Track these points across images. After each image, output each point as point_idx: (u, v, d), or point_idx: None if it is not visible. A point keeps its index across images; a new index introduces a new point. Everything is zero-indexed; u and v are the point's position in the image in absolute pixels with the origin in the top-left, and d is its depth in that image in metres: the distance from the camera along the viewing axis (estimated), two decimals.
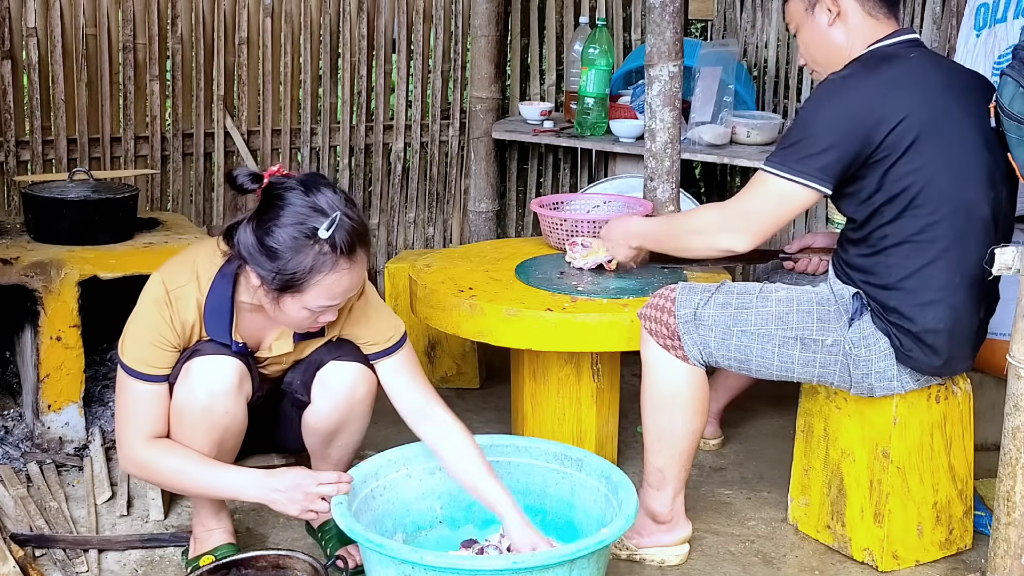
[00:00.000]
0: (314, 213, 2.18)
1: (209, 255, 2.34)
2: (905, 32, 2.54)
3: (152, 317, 2.33)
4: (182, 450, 2.34)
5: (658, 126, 3.08)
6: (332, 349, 2.47)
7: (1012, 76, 2.35)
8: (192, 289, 2.34)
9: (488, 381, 3.73)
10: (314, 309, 2.25)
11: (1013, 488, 2.24)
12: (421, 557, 2.11)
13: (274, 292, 2.22)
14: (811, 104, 2.47)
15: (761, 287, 2.54)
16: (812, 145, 2.39)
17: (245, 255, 2.22)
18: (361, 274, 2.28)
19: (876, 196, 2.42)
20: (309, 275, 2.18)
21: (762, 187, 2.45)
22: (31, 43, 3.63)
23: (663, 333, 2.50)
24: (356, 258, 2.22)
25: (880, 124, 2.36)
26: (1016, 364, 2.19)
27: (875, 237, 2.46)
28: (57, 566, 2.54)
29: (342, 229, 2.18)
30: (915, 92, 2.40)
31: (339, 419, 2.49)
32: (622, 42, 4.46)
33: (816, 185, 2.39)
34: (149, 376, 2.34)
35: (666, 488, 2.59)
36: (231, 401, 2.36)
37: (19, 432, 3.12)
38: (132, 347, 2.34)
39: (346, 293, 2.26)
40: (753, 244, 2.48)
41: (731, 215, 2.50)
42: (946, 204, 2.40)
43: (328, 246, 2.17)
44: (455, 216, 4.54)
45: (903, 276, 2.43)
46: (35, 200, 3.17)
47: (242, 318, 2.39)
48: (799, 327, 2.47)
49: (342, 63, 4.18)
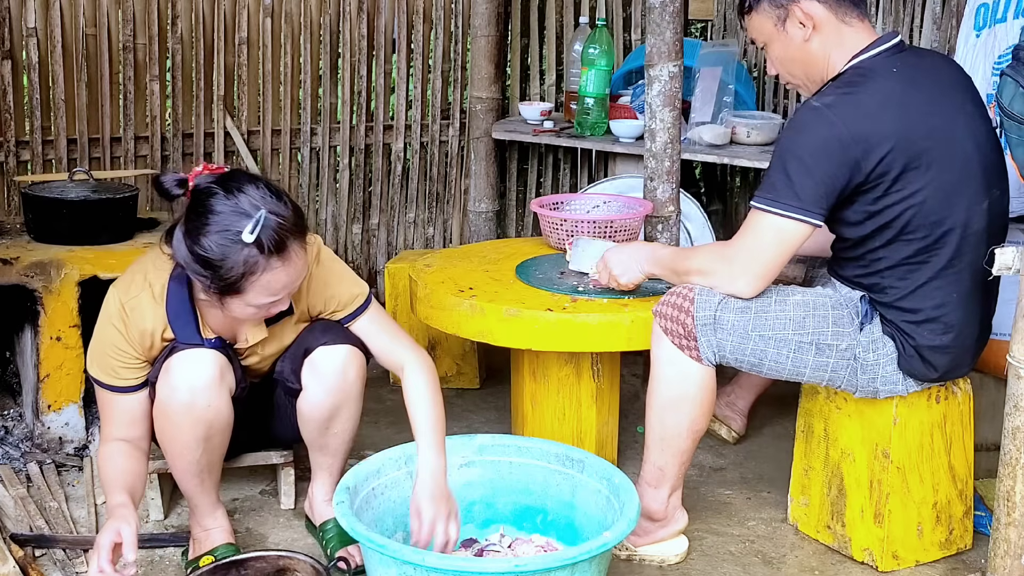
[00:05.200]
0: (238, 216, 2.17)
1: (158, 263, 2.37)
2: (885, 40, 2.47)
3: (109, 332, 2.38)
4: (115, 462, 2.35)
5: (658, 126, 3.08)
6: (319, 334, 2.49)
7: (1012, 76, 2.36)
8: (146, 298, 2.37)
9: (488, 381, 3.73)
10: (259, 305, 2.27)
11: (1013, 488, 2.24)
12: (423, 558, 2.11)
13: (216, 295, 2.25)
14: (794, 134, 2.40)
15: (778, 289, 2.52)
16: (800, 178, 2.34)
17: (182, 264, 2.25)
18: (299, 266, 2.27)
19: (868, 223, 2.41)
20: (243, 279, 2.20)
21: (757, 226, 2.40)
22: (31, 43, 3.63)
23: (679, 333, 2.47)
24: (288, 254, 2.22)
25: (868, 155, 2.33)
26: (1016, 364, 2.20)
27: (869, 259, 2.46)
28: (57, 566, 2.54)
29: (268, 228, 2.17)
30: (900, 118, 2.35)
31: (332, 402, 2.49)
32: (622, 42, 4.46)
33: (810, 219, 2.36)
34: (114, 387, 2.40)
35: (664, 486, 2.59)
36: (213, 394, 2.37)
37: (19, 432, 3.13)
38: (95, 360, 2.40)
39: (287, 287, 2.27)
40: (756, 289, 2.44)
41: (733, 259, 2.44)
42: (939, 227, 2.38)
43: (255, 248, 2.17)
44: (455, 216, 4.54)
45: (899, 296, 2.44)
46: (35, 200, 3.17)
47: (209, 314, 2.41)
48: (815, 332, 2.46)
49: (342, 63, 4.18)
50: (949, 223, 2.39)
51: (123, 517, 2.18)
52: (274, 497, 2.90)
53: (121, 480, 2.31)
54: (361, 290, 2.54)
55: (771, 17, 2.49)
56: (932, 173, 2.36)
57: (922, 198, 2.36)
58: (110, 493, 2.28)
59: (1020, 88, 2.40)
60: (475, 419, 3.42)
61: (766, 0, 2.49)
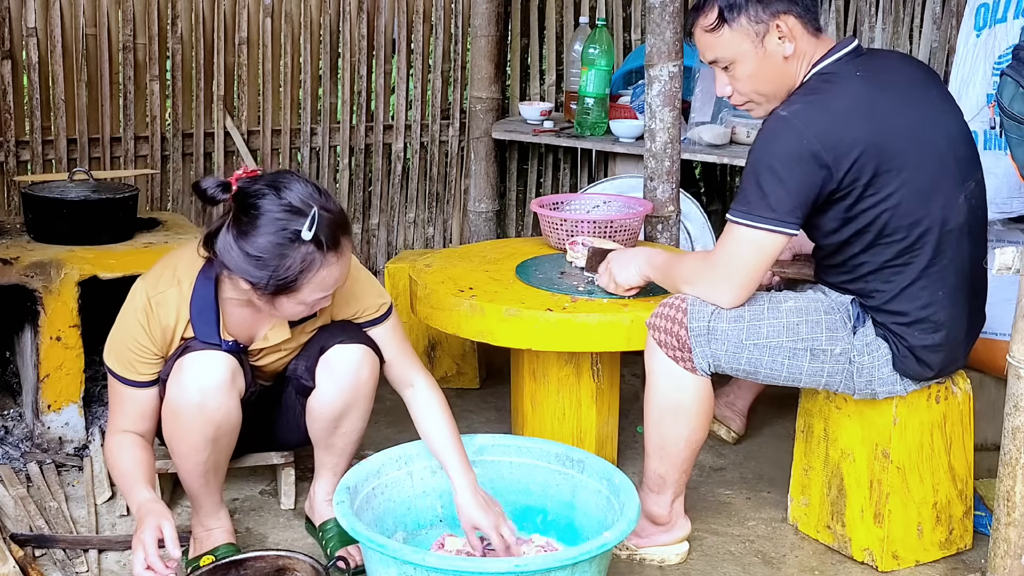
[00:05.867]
0: (292, 216, 2.19)
1: (189, 259, 2.37)
2: (844, 44, 2.44)
3: (131, 326, 2.38)
4: (133, 454, 2.35)
5: (658, 126, 3.08)
6: (335, 333, 2.50)
7: (1012, 76, 2.36)
8: (173, 294, 2.37)
9: (488, 381, 3.73)
10: (310, 303, 2.29)
11: (1013, 488, 2.24)
12: (423, 558, 2.11)
13: (268, 295, 2.25)
14: (764, 144, 2.38)
15: (770, 296, 2.52)
16: (772, 189, 2.33)
17: (231, 267, 2.24)
18: (349, 261, 2.31)
19: (844, 229, 2.40)
20: (300, 276, 2.21)
21: (734, 239, 2.39)
22: (31, 43, 3.63)
23: (672, 344, 2.46)
24: (342, 248, 2.26)
25: (839, 161, 2.32)
26: (1016, 364, 2.20)
27: (851, 264, 2.46)
28: (57, 566, 2.54)
29: (323, 225, 2.20)
30: (868, 122, 2.34)
31: (344, 402, 2.49)
32: (622, 42, 4.46)
33: (786, 229, 2.35)
34: (129, 381, 2.40)
35: (666, 492, 2.59)
36: (223, 396, 2.38)
37: (19, 432, 3.12)
38: (113, 351, 2.40)
39: (339, 282, 2.30)
40: (738, 300, 2.43)
41: (712, 271, 2.44)
42: (917, 227, 2.38)
43: (313, 245, 2.19)
44: (455, 216, 4.54)
45: (886, 300, 2.44)
46: (35, 200, 3.17)
47: (229, 315, 2.41)
48: (809, 338, 2.46)
49: (342, 63, 4.18)
50: (927, 223, 2.38)
51: (161, 513, 2.20)
52: (274, 497, 2.90)
53: (141, 473, 2.32)
54: (384, 300, 2.56)
55: (748, 34, 2.42)
56: (905, 174, 2.35)
57: (897, 200, 2.35)
58: (134, 487, 2.30)
59: (1020, 88, 2.40)
60: (475, 419, 3.42)
61: (743, 16, 2.41)
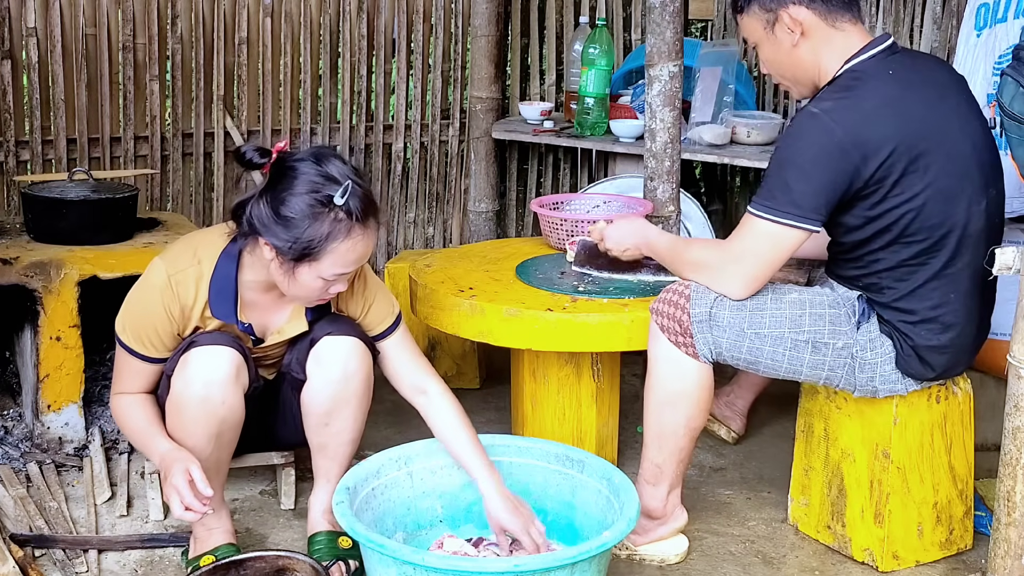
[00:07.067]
0: (327, 182, 2.24)
1: (211, 238, 2.40)
2: (879, 42, 2.45)
3: (150, 303, 2.39)
4: (145, 409, 2.43)
5: (658, 126, 3.08)
6: (325, 326, 2.50)
7: (1012, 76, 2.35)
8: (193, 272, 2.38)
9: (488, 381, 3.73)
10: (328, 278, 2.30)
11: (1013, 488, 2.24)
12: (423, 558, 2.11)
13: (290, 262, 2.27)
14: (793, 140, 2.39)
15: (774, 287, 2.52)
16: (798, 185, 2.34)
17: (259, 228, 2.27)
18: (373, 243, 2.33)
19: (867, 227, 2.41)
20: (325, 242, 2.24)
21: (752, 231, 2.40)
22: (31, 43, 3.63)
23: (675, 330, 2.47)
24: (369, 225, 2.28)
25: (867, 160, 2.32)
26: (1016, 364, 2.19)
27: (867, 260, 2.46)
28: (57, 566, 2.54)
29: (355, 196, 2.24)
30: (898, 121, 2.34)
31: (333, 394, 2.48)
32: (622, 42, 4.46)
33: (808, 226, 2.35)
34: (140, 355, 2.43)
35: (662, 484, 2.59)
36: (228, 391, 2.38)
37: (19, 432, 3.12)
38: (127, 324, 2.43)
39: (359, 260, 2.31)
40: (747, 293, 2.44)
41: (727, 260, 2.45)
42: (939, 229, 2.38)
43: (343, 213, 2.23)
44: (455, 216, 4.54)
45: (897, 297, 2.44)
46: (35, 200, 3.17)
47: (245, 303, 2.42)
48: (811, 331, 2.46)
49: (342, 63, 4.18)
50: (949, 225, 2.39)
51: (186, 458, 2.27)
52: (274, 497, 2.90)
53: (158, 426, 2.40)
54: (394, 308, 2.57)
55: (760, 20, 2.49)
56: (931, 176, 2.36)
57: (922, 201, 2.36)
58: (152, 439, 2.37)
59: (1020, 88, 2.40)
60: (475, 419, 3.38)
61: (756, 3, 2.48)
